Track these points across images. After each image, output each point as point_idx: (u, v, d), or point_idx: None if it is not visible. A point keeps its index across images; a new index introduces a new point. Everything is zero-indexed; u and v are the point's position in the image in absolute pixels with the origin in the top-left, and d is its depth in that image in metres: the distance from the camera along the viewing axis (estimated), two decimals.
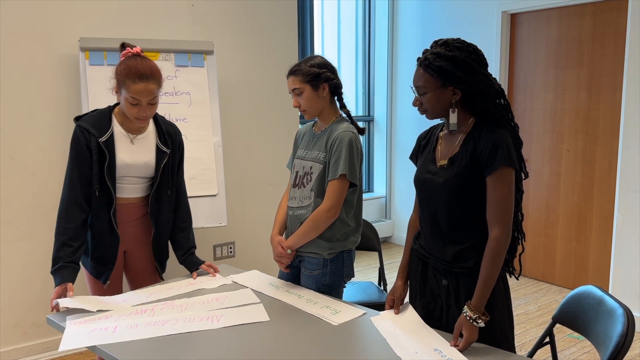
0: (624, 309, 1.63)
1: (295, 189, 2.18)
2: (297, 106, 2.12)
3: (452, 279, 1.72)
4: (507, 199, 1.62)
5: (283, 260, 2.14)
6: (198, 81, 3.14)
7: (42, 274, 3.02)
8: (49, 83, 2.95)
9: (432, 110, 1.71)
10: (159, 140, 2.16)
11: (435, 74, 1.63)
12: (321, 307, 1.90)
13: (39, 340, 3.03)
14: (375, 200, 5.50)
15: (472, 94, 1.64)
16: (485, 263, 1.62)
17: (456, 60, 1.61)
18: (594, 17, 3.84)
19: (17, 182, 2.90)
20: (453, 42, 1.64)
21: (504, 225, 1.62)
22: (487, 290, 1.62)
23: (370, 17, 5.37)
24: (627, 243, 3.54)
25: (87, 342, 1.64)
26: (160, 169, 2.14)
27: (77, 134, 2.03)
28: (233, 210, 3.43)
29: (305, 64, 2.08)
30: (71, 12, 2.97)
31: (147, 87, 1.96)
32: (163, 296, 2.00)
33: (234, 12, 3.51)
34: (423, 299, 1.83)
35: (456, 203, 1.69)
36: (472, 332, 1.59)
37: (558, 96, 4.10)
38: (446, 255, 1.72)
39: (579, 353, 3.14)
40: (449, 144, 1.75)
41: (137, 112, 2.00)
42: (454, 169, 1.68)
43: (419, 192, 1.84)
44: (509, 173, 1.62)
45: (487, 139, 1.62)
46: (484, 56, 1.67)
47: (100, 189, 2.04)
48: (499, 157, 1.59)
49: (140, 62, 1.99)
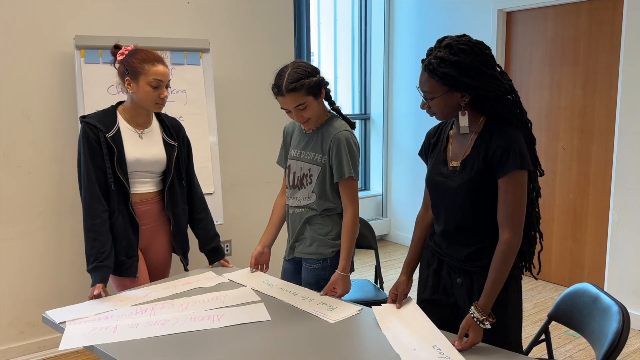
0: (619, 306, 1.64)
1: (294, 189, 2.18)
2: (300, 120, 2.05)
3: (466, 278, 1.72)
4: (518, 201, 1.59)
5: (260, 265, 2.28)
6: (194, 79, 3.14)
7: (38, 272, 3.01)
8: (44, 81, 2.94)
9: (442, 113, 1.68)
10: (165, 134, 2.21)
11: (441, 81, 1.58)
12: (317, 304, 1.91)
13: (34, 339, 3.02)
14: (371, 199, 5.51)
15: (479, 96, 1.61)
16: (495, 266, 1.60)
17: (461, 65, 1.55)
18: (590, 15, 3.84)
19: (11, 181, 2.89)
20: (458, 44, 1.57)
21: (514, 229, 1.59)
22: (494, 292, 1.60)
23: (367, 15, 5.36)
24: (623, 241, 3.56)
25: (88, 342, 1.64)
26: (172, 163, 2.19)
27: (86, 130, 2.06)
28: (229, 209, 3.42)
29: (299, 76, 1.95)
30: (66, 10, 2.95)
31: (165, 69, 2.09)
32: (160, 295, 1.99)
33: (230, 10, 3.50)
34: (435, 295, 1.82)
35: (469, 207, 1.67)
36: (477, 334, 1.58)
37: (554, 94, 4.11)
38: (460, 255, 1.72)
39: (574, 350, 3.15)
40: (460, 144, 1.71)
41: (158, 95, 2.07)
42: (466, 172, 1.65)
43: (432, 194, 1.81)
44: (521, 175, 1.59)
45: (498, 141, 1.59)
46: (491, 54, 1.61)
47: (115, 184, 2.07)
48: (511, 160, 1.56)
49: (147, 50, 2.11)
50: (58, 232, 3.04)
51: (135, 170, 2.12)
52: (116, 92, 2.91)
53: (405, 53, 5.08)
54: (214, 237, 2.36)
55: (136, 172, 2.13)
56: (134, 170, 2.12)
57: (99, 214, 2.06)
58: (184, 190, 2.28)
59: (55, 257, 3.04)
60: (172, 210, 2.24)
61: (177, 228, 2.27)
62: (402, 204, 5.39)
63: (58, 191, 3.01)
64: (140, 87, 2.05)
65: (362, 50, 5.44)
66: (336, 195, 2.12)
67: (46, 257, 3.03)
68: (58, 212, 3.03)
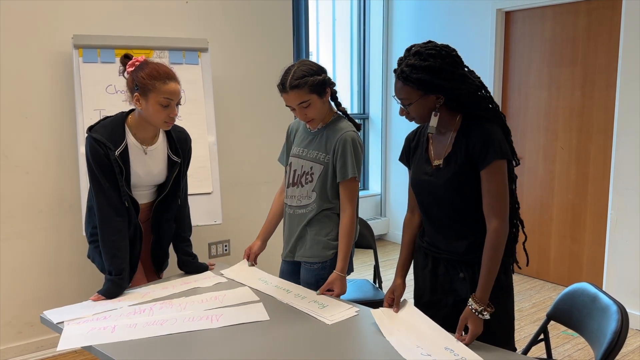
0: (617, 306, 1.64)
1: (293, 187, 2.18)
2: (304, 118, 2.06)
3: (468, 271, 1.74)
4: (502, 190, 1.66)
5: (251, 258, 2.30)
6: (192, 79, 3.13)
7: (36, 273, 3.00)
8: (42, 80, 2.93)
9: (420, 117, 1.74)
10: (170, 150, 2.13)
11: (416, 86, 1.66)
12: (309, 301, 1.92)
13: (32, 339, 3.01)
14: (370, 198, 5.51)
15: (454, 96, 1.68)
16: (487, 255, 1.65)
17: (432, 69, 1.63)
18: (588, 15, 3.84)
19: (10, 181, 2.88)
20: (425, 50, 1.65)
21: (501, 217, 1.65)
22: (490, 282, 1.65)
23: (365, 15, 5.36)
24: (621, 240, 3.56)
25: (86, 342, 1.63)
26: (171, 179, 2.13)
27: (94, 146, 1.97)
28: (228, 208, 3.42)
29: (303, 74, 1.98)
30: (64, 9, 2.95)
31: (176, 86, 1.99)
32: (158, 295, 1.99)
33: (228, 9, 3.49)
34: (434, 296, 1.84)
35: (458, 201, 1.72)
36: (477, 325, 1.61)
37: (552, 94, 4.11)
38: (459, 249, 1.75)
39: (573, 350, 3.15)
40: (440, 143, 1.77)
41: (167, 115, 1.98)
42: (450, 168, 1.71)
43: (419, 195, 1.85)
44: (502, 165, 1.66)
45: (477, 135, 1.66)
46: (457, 55, 1.69)
47: (127, 199, 2.03)
48: (491, 151, 1.63)
49: (159, 64, 1.99)
50: (57, 232, 3.03)
51: (136, 184, 2.08)
52: (114, 91, 2.91)
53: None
54: (194, 256, 2.30)
55: (136, 186, 2.09)
56: (134, 184, 2.08)
57: (119, 229, 2.01)
58: (176, 205, 2.20)
59: (53, 257, 3.04)
60: (157, 226, 2.19)
61: (157, 244, 2.22)
62: (400, 203, 5.39)
63: (56, 191, 3.01)
64: (150, 105, 1.95)
65: (360, 49, 5.44)
66: (336, 196, 2.12)
67: (44, 257, 3.02)
68: (57, 212, 3.02)
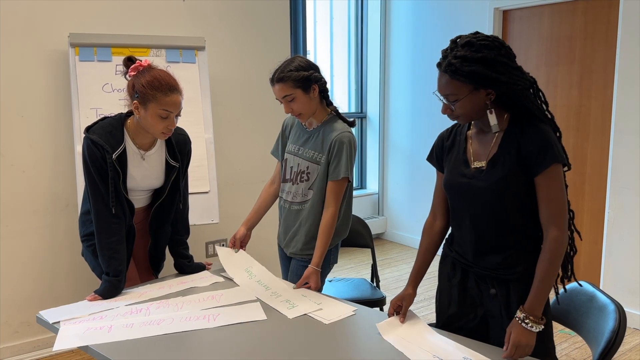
0: (615, 304, 1.64)
1: (289, 184, 2.22)
2: (290, 112, 2.10)
3: (501, 288, 1.62)
4: (560, 197, 1.52)
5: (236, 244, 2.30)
6: (189, 77, 3.12)
7: (32, 272, 2.99)
8: (38, 79, 2.92)
9: (467, 115, 1.58)
10: (168, 155, 2.11)
11: (467, 80, 1.49)
12: (280, 301, 1.92)
13: (28, 339, 3.00)
14: (368, 197, 5.50)
15: (508, 92, 1.52)
16: (543, 265, 1.52)
17: (487, 61, 1.48)
18: (586, 14, 3.85)
19: (6, 180, 2.87)
20: (478, 41, 1.49)
21: (561, 225, 1.52)
22: (544, 294, 1.53)
23: (363, 14, 5.36)
24: (618, 239, 3.56)
25: (82, 342, 1.63)
26: (169, 184, 2.11)
27: (91, 148, 1.93)
28: (225, 208, 3.41)
29: (290, 68, 2.03)
30: (61, 8, 2.93)
31: (178, 98, 1.93)
32: (155, 295, 1.98)
33: (225, 7, 3.48)
34: (463, 308, 1.71)
35: (502, 207, 1.57)
36: (530, 338, 1.49)
37: (549, 93, 4.10)
38: (492, 263, 1.62)
39: (570, 349, 3.16)
40: (482, 144, 1.62)
41: (165, 126, 1.93)
42: (496, 171, 1.56)
43: (453, 198, 1.70)
44: (559, 169, 1.52)
45: (532, 136, 1.51)
46: (509, 47, 1.54)
47: (124, 201, 2.02)
48: (550, 155, 1.49)
49: (163, 73, 1.94)
50: (53, 232, 3.02)
51: (132, 188, 2.07)
52: (111, 90, 2.90)
53: (402, 51, 5.08)
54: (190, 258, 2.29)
55: (132, 190, 2.08)
56: (130, 188, 2.06)
57: (116, 231, 2.00)
58: (173, 209, 2.18)
59: (49, 257, 3.02)
60: (155, 230, 2.18)
61: (154, 246, 2.22)
62: (398, 202, 5.39)
63: (53, 190, 3.00)
64: (148, 115, 1.91)
65: (358, 48, 5.44)
66: None
67: (41, 257, 3.01)
68: (53, 211, 3.01)
